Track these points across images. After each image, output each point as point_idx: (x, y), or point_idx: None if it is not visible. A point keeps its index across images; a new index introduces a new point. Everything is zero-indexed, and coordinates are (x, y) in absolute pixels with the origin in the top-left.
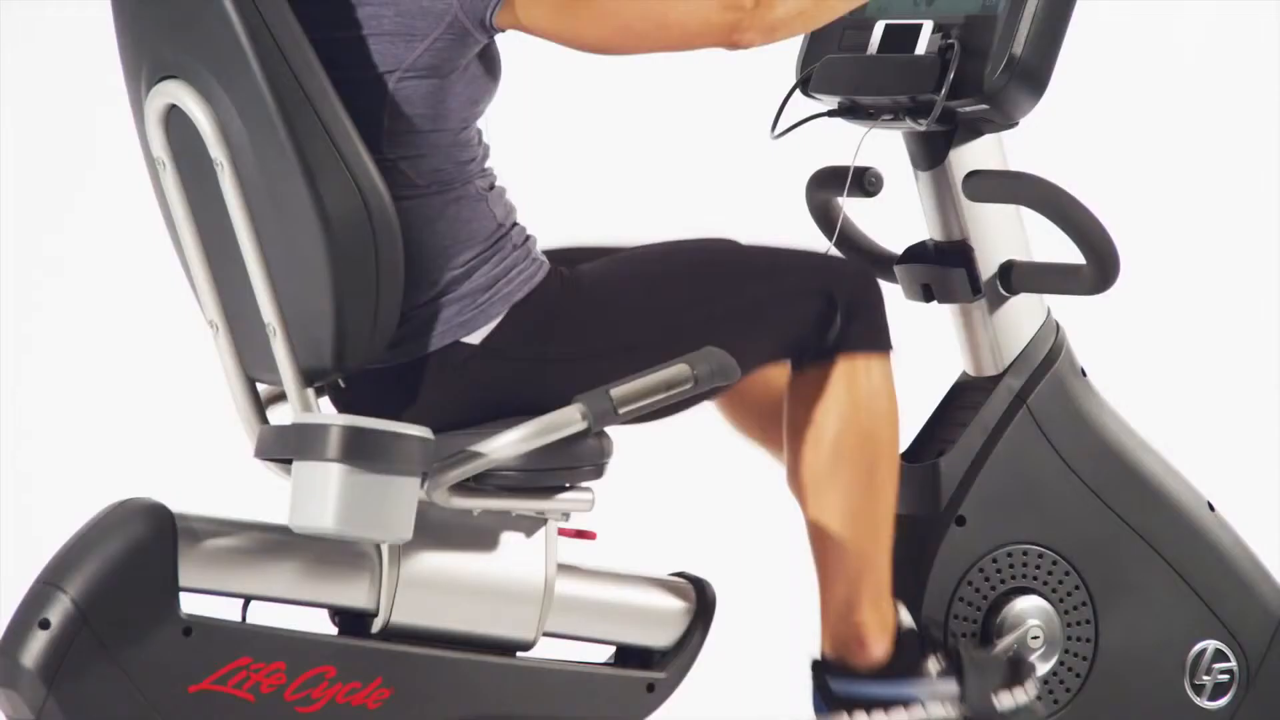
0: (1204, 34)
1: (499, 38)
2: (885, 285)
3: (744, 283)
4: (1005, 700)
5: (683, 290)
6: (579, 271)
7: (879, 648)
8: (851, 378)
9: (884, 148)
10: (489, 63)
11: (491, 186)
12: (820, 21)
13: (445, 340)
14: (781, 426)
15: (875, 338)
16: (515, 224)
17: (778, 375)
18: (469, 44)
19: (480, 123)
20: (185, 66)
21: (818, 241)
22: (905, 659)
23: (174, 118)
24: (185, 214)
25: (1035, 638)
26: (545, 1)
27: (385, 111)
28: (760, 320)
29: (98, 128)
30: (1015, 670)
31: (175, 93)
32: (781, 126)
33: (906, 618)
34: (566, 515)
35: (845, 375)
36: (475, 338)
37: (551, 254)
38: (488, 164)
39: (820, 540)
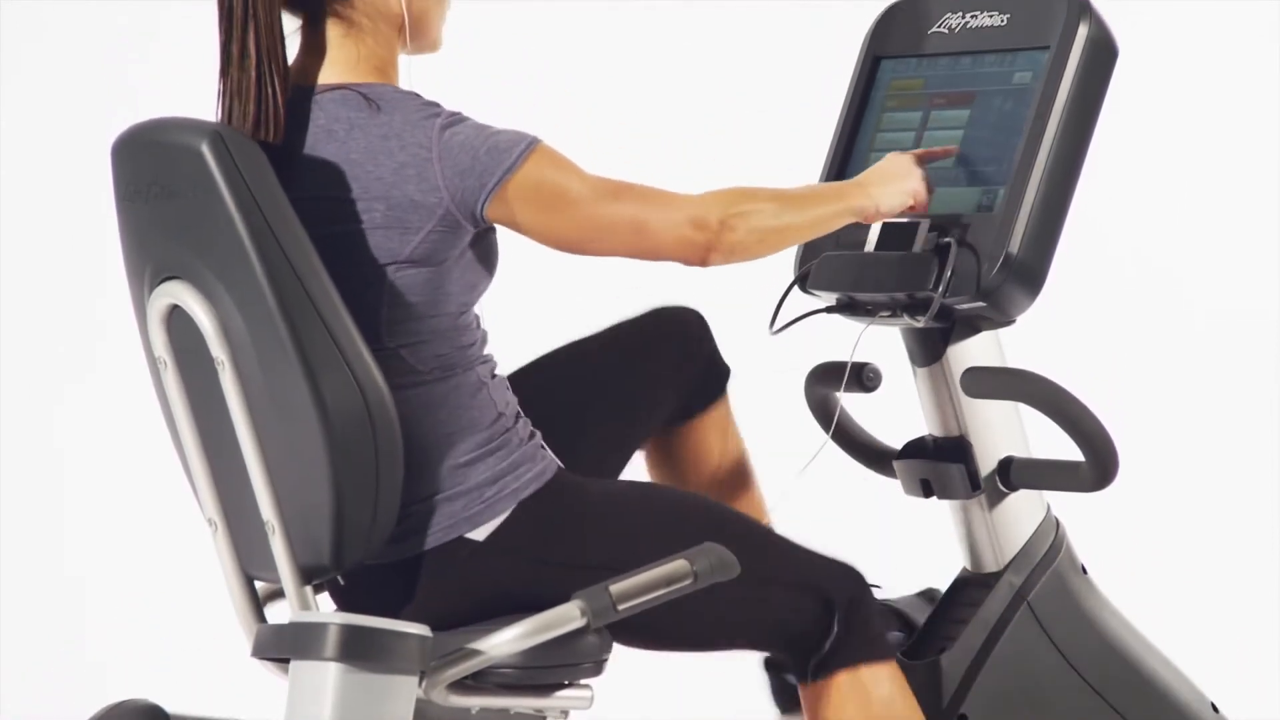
0: (1198, 229)
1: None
2: (885, 480)
3: (754, 546)
4: None
5: (698, 531)
6: (590, 481)
7: None
8: (864, 692)
9: (882, 343)
10: (486, 249)
11: (492, 375)
12: (780, 247)
13: (449, 536)
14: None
15: (875, 647)
16: (519, 415)
17: None
18: (461, 235)
19: (476, 309)
20: (187, 266)
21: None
22: None
23: (175, 317)
24: (185, 412)
25: None
26: (532, 200)
27: (384, 302)
28: (763, 592)
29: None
30: None
31: (178, 293)
32: (780, 322)
33: None
34: (566, 713)
35: (856, 690)
36: (480, 534)
37: (515, 375)
38: (487, 350)
39: None
